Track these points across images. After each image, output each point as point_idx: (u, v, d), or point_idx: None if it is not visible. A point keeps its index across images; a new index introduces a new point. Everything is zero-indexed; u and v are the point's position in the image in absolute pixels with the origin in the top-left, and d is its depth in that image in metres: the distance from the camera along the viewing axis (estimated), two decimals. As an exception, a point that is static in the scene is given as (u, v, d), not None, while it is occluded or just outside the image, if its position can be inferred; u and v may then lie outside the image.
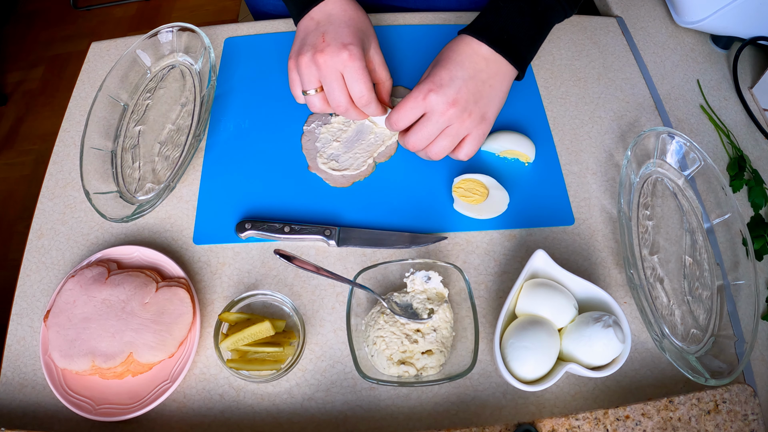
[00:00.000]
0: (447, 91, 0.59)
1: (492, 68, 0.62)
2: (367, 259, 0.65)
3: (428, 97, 0.59)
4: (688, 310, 0.60)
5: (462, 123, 0.61)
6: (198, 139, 0.69)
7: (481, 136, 0.63)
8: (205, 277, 0.64)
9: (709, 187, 0.66)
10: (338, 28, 0.62)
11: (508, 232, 0.66)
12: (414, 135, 0.61)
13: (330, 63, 0.60)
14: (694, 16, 0.81)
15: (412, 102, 0.60)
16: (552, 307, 0.57)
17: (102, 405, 0.55)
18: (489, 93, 0.62)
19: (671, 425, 0.52)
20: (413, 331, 0.57)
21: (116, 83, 0.73)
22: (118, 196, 0.67)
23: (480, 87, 0.61)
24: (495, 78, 0.62)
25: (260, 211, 0.68)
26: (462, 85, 0.60)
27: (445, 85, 0.59)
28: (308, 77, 0.63)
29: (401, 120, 0.61)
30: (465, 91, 0.60)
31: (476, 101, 0.61)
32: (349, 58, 0.60)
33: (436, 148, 0.61)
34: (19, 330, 0.61)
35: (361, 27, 0.65)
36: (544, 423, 0.52)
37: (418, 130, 0.61)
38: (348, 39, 0.61)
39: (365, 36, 0.65)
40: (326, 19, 0.63)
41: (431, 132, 0.60)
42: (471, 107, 0.60)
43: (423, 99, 0.59)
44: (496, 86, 0.62)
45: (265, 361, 0.56)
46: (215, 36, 0.83)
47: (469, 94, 0.60)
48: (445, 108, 0.59)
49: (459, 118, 0.60)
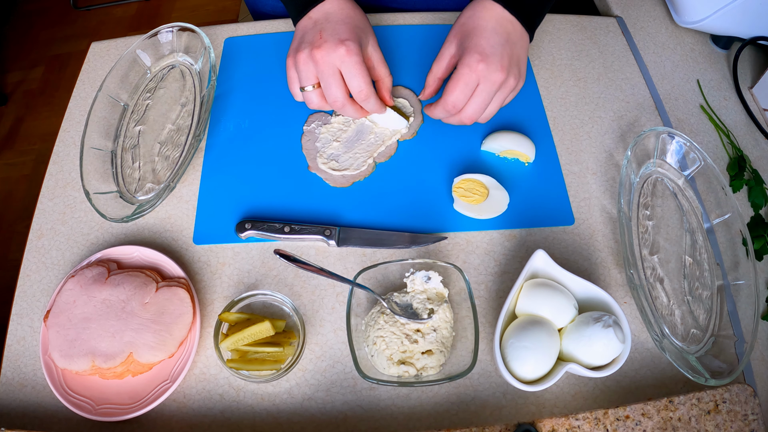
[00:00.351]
0: (493, 60, 0.62)
1: (517, 31, 0.65)
2: (367, 259, 0.65)
3: (479, 68, 0.61)
4: (688, 310, 0.60)
5: (507, 87, 0.64)
6: (198, 139, 0.69)
7: (518, 90, 0.67)
8: (205, 277, 0.64)
9: (709, 187, 0.66)
10: (336, 26, 0.63)
11: (508, 232, 0.66)
12: (472, 105, 0.63)
13: (327, 59, 0.61)
14: (694, 16, 0.81)
15: (465, 78, 0.62)
16: (552, 307, 0.57)
17: (102, 405, 0.55)
18: (520, 54, 0.65)
19: (671, 425, 0.52)
20: (413, 331, 0.57)
21: (116, 83, 0.73)
22: (118, 196, 0.67)
23: (513, 49, 0.64)
24: (521, 40, 0.66)
25: (260, 211, 0.68)
26: (502, 51, 0.63)
27: (490, 54, 0.62)
28: (306, 74, 0.63)
29: (460, 101, 0.63)
30: (507, 57, 0.63)
31: (516, 64, 0.64)
32: (347, 53, 0.61)
33: (488, 112, 0.65)
34: (19, 330, 0.61)
35: (359, 25, 0.65)
36: (544, 423, 0.52)
37: (476, 100, 0.63)
38: (345, 35, 0.62)
39: (363, 33, 0.66)
40: (324, 18, 0.64)
41: (485, 99, 0.63)
42: (513, 70, 0.64)
43: (474, 71, 0.61)
44: (524, 47, 0.66)
45: (265, 361, 0.56)
46: (215, 36, 0.83)
47: (510, 59, 0.63)
48: (496, 76, 0.62)
49: (505, 83, 0.63)
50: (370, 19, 0.84)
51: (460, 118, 0.65)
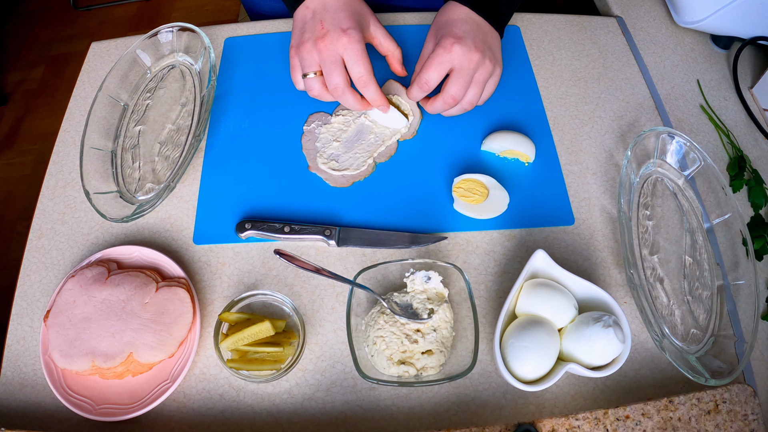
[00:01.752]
0: (467, 41, 0.65)
1: (484, 27, 0.68)
2: (367, 259, 0.65)
3: (453, 48, 0.64)
4: (688, 310, 0.60)
5: (485, 68, 0.66)
6: (198, 139, 0.69)
7: (497, 78, 0.69)
8: (205, 277, 0.64)
9: (709, 187, 0.66)
10: (335, 14, 0.65)
11: (508, 232, 0.66)
12: (452, 86, 0.66)
13: (331, 47, 0.64)
14: (694, 16, 0.81)
15: (439, 57, 0.65)
16: (552, 307, 0.57)
17: (102, 405, 0.55)
18: (492, 42, 0.68)
19: (671, 425, 0.52)
20: (413, 331, 0.57)
21: (116, 83, 0.73)
22: (118, 196, 0.67)
23: (485, 36, 0.67)
24: (491, 32, 0.69)
25: (260, 211, 0.68)
26: (474, 35, 0.66)
27: (462, 37, 0.65)
28: (308, 61, 0.66)
29: (432, 78, 0.66)
30: (479, 40, 0.66)
31: (489, 47, 0.67)
32: (349, 42, 0.63)
33: (469, 97, 0.67)
34: (19, 330, 0.61)
35: (357, 9, 0.67)
36: (544, 423, 0.52)
37: (455, 82, 0.66)
38: (346, 23, 0.64)
39: (362, 17, 0.68)
40: (322, 7, 0.66)
41: (466, 81, 0.66)
42: (487, 52, 0.66)
43: (449, 51, 0.64)
44: (495, 39, 0.69)
45: (265, 361, 0.56)
46: (215, 36, 0.83)
47: (482, 42, 0.66)
48: (471, 55, 0.65)
49: (482, 63, 0.66)
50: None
51: (444, 99, 0.67)
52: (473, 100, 0.68)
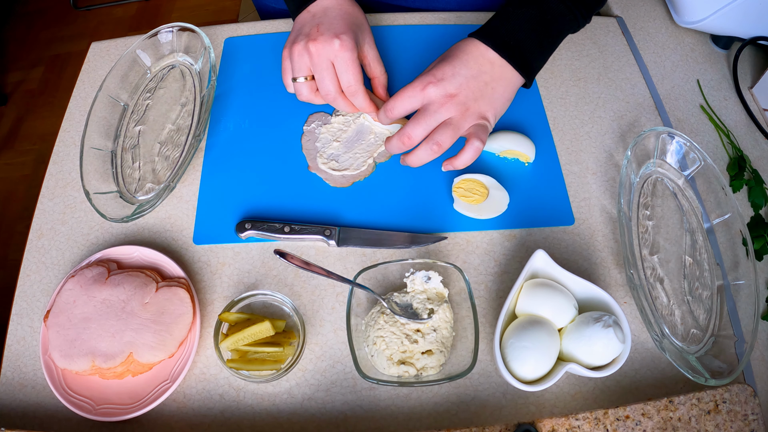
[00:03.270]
0: (446, 85, 0.59)
1: (497, 72, 0.61)
2: (367, 259, 0.65)
3: (427, 89, 0.59)
4: (688, 310, 0.60)
5: (463, 116, 0.60)
6: (198, 139, 0.69)
7: (484, 136, 0.61)
8: (205, 277, 0.64)
9: (709, 187, 0.66)
10: (333, 20, 0.64)
11: (508, 232, 0.66)
12: (411, 126, 0.60)
13: (322, 52, 0.62)
14: (694, 16, 0.81)
15: (410, 91, 0.60)
16: (552, 307, 0.57)
17: (102, 405, 0.55)
18: (490, 94, 0.62)
19: (671, 425, 0.52)
20: (413, 331, 0.57)
21: (116, 83, 0.73)
22: (118, 196, 0.67)
23: (482, 87, 0.61)
24: (498, 81, 0.62)
25: (260, 211, 0.68)
26: (463, 81, 0.60)
27: (446, 80, 0.59)
28: (299, 65, 0.64)
29: (397, 108, 0.61)
30: (465, 88, 0.60)
31: (476, 99, 0.61)
32: (341, 48, 0.61)
33: (440, 137, 0.59)
34: (19, 330, 0.61)
35: (356, 21, 0.66)
36: (544, 423, 0.52)
37: (416, 120, 0.60)
38: (341, 29, 0.63)
39: (360, 30, 0.66)
40: (322, 12, 0.65)
41: (430, 123, 0.60)
42: (470, 103, 0.60)
43: (421, 90, 0.59)
44: (498, 90, 0.62)
45: (265, 361, 0.56)
46: (215, 36, 0.83)
47: (469, 92, 0.60)
48: (443, 100, 0.59)
49: (459, 111, 0.60)
50: (370, 19, 0.84)
51: (399, 137, 0.60)
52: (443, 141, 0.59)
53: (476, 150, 0.61)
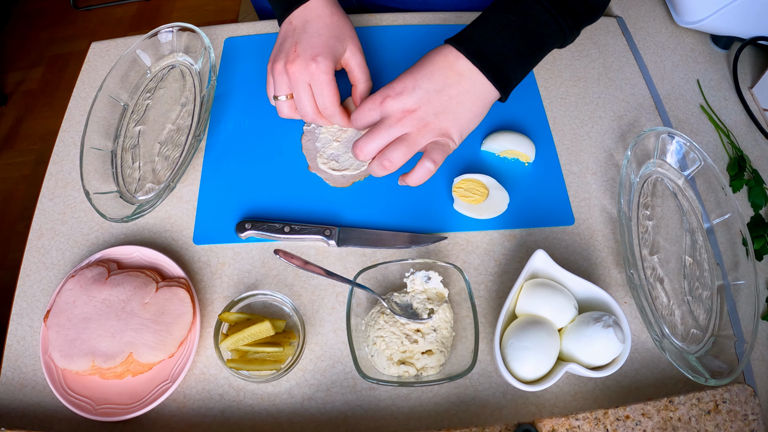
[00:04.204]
0: (405, 99, 0.57)
1: (465, 84, 0.58)
2: (367, 259, 0.65)
3: (385, 103, 0.58)
4: (688, 310, 0.60)
5: (420, 132, 0.57)
6: (198, 139, 0.69)
7: (438, 156, 0.58)
8: (205, 277, 0.64)
9: (709, 187, 0.66)
10: (311, 38, 0.64)
11: (508, 232, 0.66)
12: (364, 139, 0.58)
13: (298, 75, 0.63)
14: (694, 16, 0.81)
15: (369, 104, 0.59)
16: (552, 307, 0.57)
17: (102, 405, 0.55)
18: (455, 109, 0.58)
19: (671, 425, 0.52)
20: (413, 331, 0.57)
21: (116, 83, 0.73)
22: (118, 196, 0.67)
23: (446, 102, 0.58)
24: (466, 95, 0.58)
25: (260, 211, 0.68)
26: (424, 96, 0.57)
27: (405, 94, 0.57)
28: (279, 84, 0.66)
29: (358, 120, 0.61)
30: (426, 103, 0.57)
31: (437, 114, 0.57)
32: (317, 70, 0.63)
33: (392, 154, 0.57)
34: (19, 330, 0.61)
35: (336, 33, 0.66)
36: (544, 423, 0.52)
37: (369, 134, 0.58)
38: (318, 50, 0.63)
39: (340, 42, 0.66)
40: (302, 27, 0.66)
41: (383, 138, 0.57)
42: (430, 119, 0.57)
43: (380, 104, 0.58)
44: (465, 104, 0.58)
45: (265, 361, 0.56)
46: (215, 36, 0.83)
47: (429, 106, 0.57)
48: (400, 115, 0.57)
49: (416, 127, 0.57)
50: (370, 20, 0.84)
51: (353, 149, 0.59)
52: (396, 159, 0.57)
53: (427, 171, 0.58)
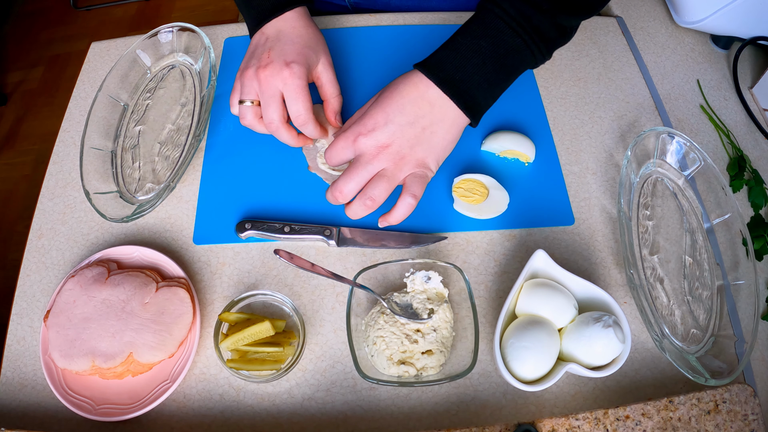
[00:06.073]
0: (378, 136, 0.57)
1: (436, 114, 0.58)
2: (367, 259, 0.65)
3: (357, 140, 0.57)
4: (688, 310, 0.60)
5: (397, 166, 0.58)
6: (198, 139, 0.69)
7: (418, 189, 0.58)
8: (205, 277, 0.64)
9: (709, 187, 0.66)
10: (284, 46, 0.63)
11: (508, 232, 0.66)
12: (342, 180, 0.58)
13: (270, 80, 0.61)
14: (694, 16, 0.81)
15: (342, 142, 0.59)
16: (552, 307, 0.57)
17: (102, 405, 0.55)
18: (428, 139, 0.58)
19: (671, 425, 0.52)
20: (413, 331, 0.57)
21: (116, 83, 0.73)
22: (118, 196, 0.67)
23: (419, 134, 0.58)
24: (439, 125, 0.58)
25: (260, 211, 0.68)
26: (397, 129, 0.57)
27: (378, 129, 0.57)
28: (248, 88, 0.63)
29: (332, 158, 0.60)
30: (400, 137, 0.57)
31: (412, 147, 0.58)
32: (290, 76, 0.61)
33: (373, 191, 0.57)
34: (19, 330, 0.61)
35: (310, 44, 0.65)
36: (544, 423, 0.52)
37: (347, 174, 0.58)
38: (291, 57, 0.62)
39: (314, 53, 0.65)
40: (275, 36, 0.64)
41: (362, 176, 0.57)
42: (405, 152, 0.57)
43: (353, 142, 0.58)
44: (438, 133, 0.58)
45: (265, 361, 0.56)
46: (215, 36, 0.83)
47: (404, 140, 0.57)
48: (375, 151, 0.57)
49: (392, 161, 0.57)
50: (370, 20, 0.84)
51: (331, 192, 0.59)
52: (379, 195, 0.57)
53: (408, 206, 0.58)
